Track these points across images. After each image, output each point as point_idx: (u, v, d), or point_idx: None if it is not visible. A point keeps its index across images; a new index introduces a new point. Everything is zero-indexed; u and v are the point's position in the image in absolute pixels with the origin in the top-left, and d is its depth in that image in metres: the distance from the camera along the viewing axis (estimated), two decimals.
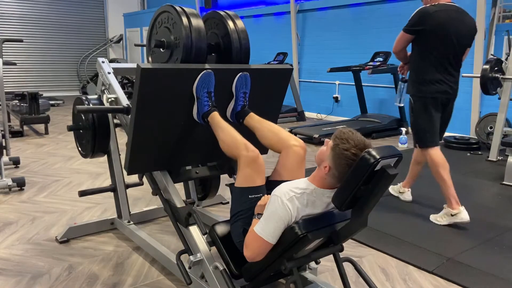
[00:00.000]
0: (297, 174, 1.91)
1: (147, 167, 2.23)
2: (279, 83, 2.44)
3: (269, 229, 1.61)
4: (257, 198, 1.78)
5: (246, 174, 1.82)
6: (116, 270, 2.33)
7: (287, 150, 1.96)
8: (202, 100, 2.05)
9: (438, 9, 2.82)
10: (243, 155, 1.83)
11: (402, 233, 2.80)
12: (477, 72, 5.22)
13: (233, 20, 2.30)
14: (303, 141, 2.01)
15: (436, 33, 2.81)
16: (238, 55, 2.27)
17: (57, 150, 5.18)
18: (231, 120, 2.20)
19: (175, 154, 2.24)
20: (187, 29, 2.07)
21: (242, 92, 2.17)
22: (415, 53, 2.98)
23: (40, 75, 11.26)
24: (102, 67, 2.60)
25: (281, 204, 1.58)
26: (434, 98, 2.93)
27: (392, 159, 1.48)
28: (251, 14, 9.23)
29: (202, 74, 2.02)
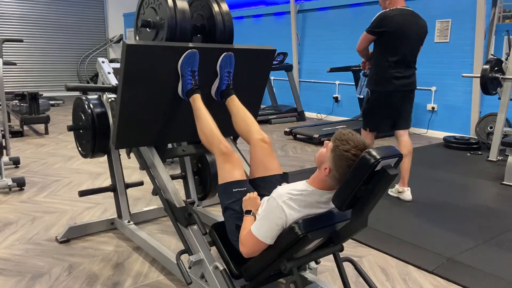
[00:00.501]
0: (270, 167, 1.99)
1: (134, 142, 2.28)
2: (263, 64, 2.51)
3: (263, 229, 1.63)
4: (242, 191, 1.83)
5: (225, 169, 1.91)
6: (116, 270, 2.33)
7: (253, 143, 2.05)
8: (186, 78, 2.13)
9: (396, 13, 3.19)
10: (217, 149, 1.94)
11: (402, 233, 2.80)
12: (477, 72, 5.23)
13: (217, 2, 2.37)
14: (266, 135, 2.07)
15: (394, 34, 3.17)
16: (222, 36, 2.35)
17: (57, 150, 5.18)
18: (216, 98, 2.28)
19: (162, 130, 2.30)
20: (172, 10, 2.15)
21: (227, 72, 2.24)
22: (376, 52, 3.33)
23: (40, 75, 11.26)
24: (102, 67, 2.61)
25: (276, 206, 1.60)
26: (390, 94, 3.30)
27: (392, 159, 1.48)
28: (251, 14, 9.23)
29: (187, 53, 2.10)
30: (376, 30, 3.24)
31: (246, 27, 9.26)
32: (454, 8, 6.00)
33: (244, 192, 1.83)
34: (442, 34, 6.16)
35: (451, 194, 3.68)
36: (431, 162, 4.80)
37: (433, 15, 6.23)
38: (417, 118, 6.58)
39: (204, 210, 2.99)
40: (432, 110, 6.39)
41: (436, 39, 6.23)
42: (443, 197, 3.60)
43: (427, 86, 6.40)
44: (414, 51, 3.30)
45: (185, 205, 2.09)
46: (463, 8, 5.89)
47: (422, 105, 6.51)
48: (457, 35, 6.01)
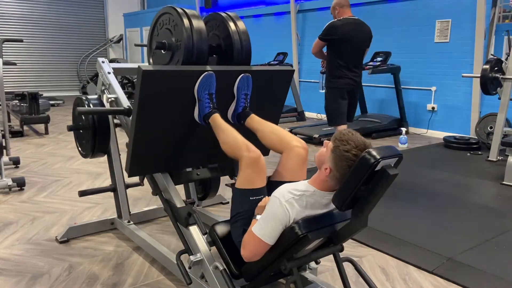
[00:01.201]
0: (298, 175, 1.91)
1: (148, 169, 2.22)
2: (281, 85, 2.44)
3: (266, 229, 1.61)
4: (258, 200, 1.78)
5: (247, 175, 1.81)
6: (116, 270, 2.33)
7: (289, 151, 1.96)
8: (204, 102, 2.05)
9: (343, 23, 3.74)
10: (244, 155, 1.82)
11: (402, 233, 2.80)
12: (477, 72, 5.23)
13: (234, 21, 2.29)
14: (305, 142, 2.01)
15: (342, 41, 3.71)
16: (239, 56, 2.27)
17: (57, 150, 5.18)
18: (232, 122, 2.20)
19: (177, 156, 2.24)
20: (188, 31, 2.07)
21: (244, 94, 2.17)
22: (329, 55, 3.89)
23: (40, 75, 11.25)
24: (102, 67, 2.61)
25: (279, 206, 1.59)
26: (341, 89, 3.82)
27: (392, 159, 1.48)
28: (251, 14, 9.23)
29: (203, 76, 2.02)
30: (326, 38, 3.81)
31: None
32: (454, 8, 6.00)
33: (260, 200, 1.77)
34: (442, 34, 6.16)
35: (451, 194, 3.68)
36: (431, 162, 4.80)
37: (433, 15, 6.23)
38: (417, 118, 6.58)
39: (204, 210, 2.99)
40: (432, 110, 6.39)
41: (436, 39, 6.23)
42: (443, 197, 3.60)
43: (427, 86, 6.40)
44: (360, 54, 3.87)
45: (185, 205, 2.09)
46: (463, 8, 5.89)
47: (422, 105, 6.51)
48: (457, 35, 6.01)
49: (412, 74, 6.54)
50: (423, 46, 6.39)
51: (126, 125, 2.32)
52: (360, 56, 3.86)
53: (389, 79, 6.61)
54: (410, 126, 6.55)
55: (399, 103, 6.45)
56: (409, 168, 4.31)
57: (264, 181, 1.85)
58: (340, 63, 3.76)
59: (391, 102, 6.80)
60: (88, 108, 2.36)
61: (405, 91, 6.58)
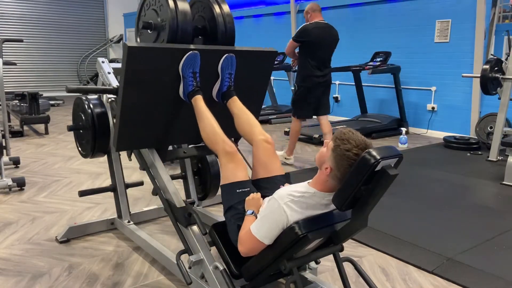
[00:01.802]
0: (272, 168, 1.99)
1: (135, 144, 2.27)
2: (264, 65, 2.51)
3: (263, 230, 1.63)
4: (245, 192, 1.83)
5: (228, 169, 1.90)
6: (116, 270, 2.33)
7: (255, 144, 2.05)
8: (187, 80, 2.12)
9: (314, 26, 4.12)
10: (221, 149, 1.93)
11: (402, 233, 2.80)
12: (477, 72, 5.23)
13: (219, 4, 2.36)
14: (269, 135, 2.08)
15: (313, 43, 4.08)
16: (224, 37, 2.35)
17: (57, 150, 5.18)
18: (217, 100, 2.28)
19: (163, 132, 2.29)
20: (173, 11, 2.14)
21: (228, 73, 2.23)
22: (301, 55, 4.24)
23: (40, 75, 11.25)
24: (102, 67, 2.61)
25: (277, 208, 1.60)
26: (310, 87, 4.24)
27: (392, 159, 1.48)
28: (251, 14, 9.23)
29: (188, 54, 2.09)
30: (299, 39, 4.17)
31: (246, 27, 9.26)
32: (454, 8, 6.00)
33: (247, 192, 1.82)
34: (442, 34, 6.16)
35: (451, 194, 3.68)
36: (431, 162, 4.80)
37: (433, 15, 6.23)
38: (417, 118, 6.58)
39: (204, 210, 2.99)
40: (432, 110, 6.39)
41: (436, 39, 6.23)
42: (443, 197, 3.60)
43: (427, 86, 6.40)
44: (329, 54, 4.25)
45: (185, 205, 2.09)
46: (463, 8, 5.89)
47: (422, 105, 6.52)
48: (457, 35, 6.01)
49: (412, 74, 6.54)
50: (423, 46, 6.39)
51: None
52: (328, 57, 4.27)
53: (389, 79, 6.61)
54: (410, 126, 6.55)
55: (399, 103, 6.45)
56: (409, 168, 4.31)
57: (246, 175, 1.92)
58: (311, 63, 4.15)
59: (391, 102, 6.80)
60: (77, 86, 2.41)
61: (405, 91, 6.58)
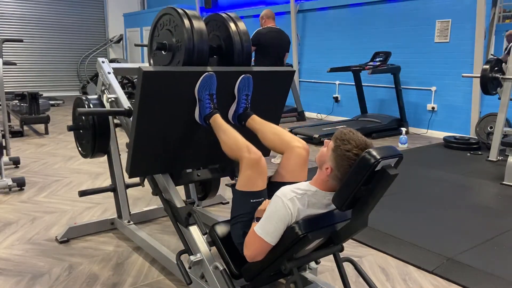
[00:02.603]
0: (299, 175, 1.91)
1: (149, 170, 2.22)
2: (281, 85, 2.44)
3: (269, 229, 1.61)
4: (258, 202, 1.77)
5: (248, 176, 1.80)
6: (116, 270, 2.33)
7: (289, 151, 1.96)
8: (204, 102, 2.05)
9: (268, 31, 4.57)
10: (245, 157, 1.81)
11: (402, 233, 2.80)
12: (477, 72, 5.23)
13: (234, 22, 2.28)
14: (305, 142, 2.01)
15: (267, 45, 4.48)
16: (240, 57, 2.26)
17: (57, 150, 5.18)
18: (233, 122, 2.19)
19: (177, 157, 2.23)
20: (189, 32, 2.06)
21: (245, 95, 2.17)
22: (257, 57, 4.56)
23: (40, 75, 11.25)
24: (102, 67, 2.61)
25: (282, 205, 1.58)
26: None
27: (392, 159, 1.48)
28: (251, 14, 9.22)
29: (204, 76, 2.02)
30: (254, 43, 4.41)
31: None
32: (454, 8, 6.00)
33: (261, 202, 1.77)
34: (442, 34, 6.16)
35: (451, 194, 3.68)
36: (431, 162, 4.80)
37: (433, 15, 6.23)
38: (417, 118, 6.58)
39: (204, 210, 2.99)
40: (432, 110, 6.39)
41: (436, 39, 6.23)
42: (443, 197, 3.60)
43: (427, 86, 6.40)
44: (281, 56, 4.62)
45: (185, 205, 2.09)
46: (463, 8, 5.89)
47: (422, 105, 6.52)
48: (457, 35, 6.01)
49: (412, 74, 6.54)
50: (423, 46, 6.39)
51: (127, 126, 2.32)
52: (281, 58, 4.64)
53: (389, 79, 6.61)
54: (410, 126, 6.55)
55: (399, 103, 6.45)
56: (409, 168, 4.31)
57: (265, 183, 1.84)
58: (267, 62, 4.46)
59: (391, 102, 6.80)
60: (88, 109, 2.36)
61: (405, 91, 6.58)
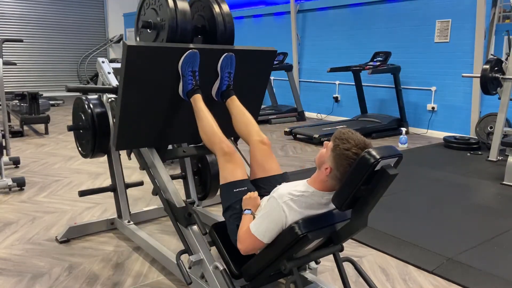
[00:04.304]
0: (270, 168, 2.00)
1: (135, 143, 2.28)
2: (264, 65, 2.52)
3: (262, 228, 1.64)
4: (242, 191, 1.84)
5: (227, 169, 1.91)
6: (116, 270, 2.33)
7: (252, 145, 2.06)
8: (187, 78, 2.13)
9: None
10: (219, 149, 1.94)
11: (402, 233, 2.80)
12: (477, 72, 5.23)
13: (218, 3, 2.37)
14: (265, 136, 2.09)
15: None
16: (223, 37, 2.35)
17: (57, 150, 5.18)
18: (216, 99, 2.29)
19: (163, 131, 2.30)
20: (173, 11, 2.15)
21: (227, 72, 2.24)
22: None
23: (40, 75, 11.25)
24: (102, 67, 2.61)
25: (277, 206, 1.60)
26: None
27: (392, 159, 1.48)
28: (251, 14, 9.23)
29: (187, 53, 2.10)
30: None
31: (246, 27, 9.26)
32: (454, 8, 6.00)
33: (245, 191, 1.83)
34: (442, 34, 6.16)
35: (451, 194, 3.68)
36: (431, 162, 4.80)
37: (433, 15, 6.23)
38: (417, 118, 6.58)
39: (204, 210, 2.99)
40: (432, 110, 6.39)
41: (436, 39, 6.23)
42: (443, 197, 3.60)
43: (427, 86, 6.40)
44: None
45: (185, 205, 2.09)
46: (463, 8, 5.89)
47: (422, 105, 6.51)
48: (457, 35, 6.01)
49: (412, 74, 6.54)
50: (423, 46, 6.39)
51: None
52: None
53: (389, 79, 6.61)
54: (410, 126, 6.55)
55: (399, 103, 6.45)
56: (409, 168, 4.31)
57: (245, 174, 1.92)
58: None
59: (391, 102, 6.80)
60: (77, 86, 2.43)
61: (405, 91, 6.58)
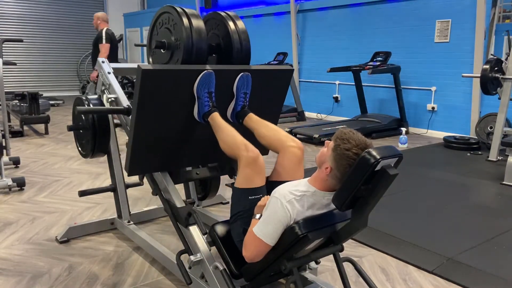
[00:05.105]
0: (295, 174, 1.93)
1: (148, 168, 2.23)
2: (280, 84, 2.45)
3: (268, 230, 1.61)
4: (257, 199, 1.78)
5: (246, 174, 1.82)
6: (116, 270, 2.33)
7: (284, 150, 1.97)
8: (203, 100, 2.06)
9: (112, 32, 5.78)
10: (243, 155, 1.82)
11: (402, 233, 2.80)
12: (477, 72, 5.23)
13: (233, 20, 2.29)
14: (300, 142, 2.02)
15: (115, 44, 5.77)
16: (239, 55, 2.27)
17: (57, 150, 5.18)
18: (231, 120, 2.21)
19: (176, 155, 2.24)
20: (188, 30, 2.07)
21: (243, 93, 2.18)
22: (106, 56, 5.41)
23: (40, 75, 11.25)
24: (102, 67, 2.60)
25: (280, 206, 1.58)
26: None
27: (392, 159, 1.48)
28: (251, 14, 9.23)
29: (203, 74, 2.03)
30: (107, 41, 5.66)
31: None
32: (454, 8, 6.00)
33: (259, 199, 1.78)
34: (442, 34, 6.16)
35: (451, 194, 3.68)
36: (431, 162, 4.80)
37: (433, 15, 6.23)
38: (417, 118, 6.58)
39: (204, 210, 2.99)
40: (432, 110, 6.39)
41: (436, 39, 6.23)
42: (443, 197, 3.60)
43: (427, 86, 6.40)
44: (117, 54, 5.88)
45: (185, 205, 2.09)
46: (463, 8, 5.89)
47: (422, 105, 6.51)
48: (457, 35, 6.01)
49: (412, 74, 6.54)
50: (423, 46, 6.39)
51: (126, 125, 2.32)
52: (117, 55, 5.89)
53: (389, 79, 6.61)
54: (410, 126, 6.55)
55: (399, 103, 6.44)
56: (409, 168, 4.31)
57: (263, 180, 1.85)
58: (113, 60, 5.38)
59: (391, 102, 6.80)
60: (88, 107, 2.37)
61: (405, 91, 6.58)
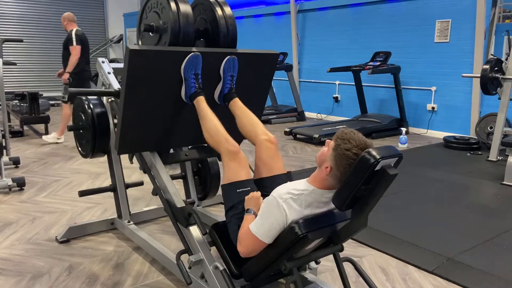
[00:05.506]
0: (274, 167, 1.99)
1: (137, 147, 2.28)
2: (266, 68, 2.51)
3: (263, 228, 1.63)
4: (245, 191, 1.83)
5: (230, 168, 1.90)
6: (116, 270, 2.33)
7: (258, 144, 2.05)
8: (189, 82, 2.12)
9: (81, 33, 5.69)
10: (224, 148, 1.92)
11: (402, 233, 2.80)
12: (477, 72, 5.23)
13: (221, 6, 2.36)
14: (273, 136, 2.08)
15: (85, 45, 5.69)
16: (226, 40, 2.34)
17: (57, 150, 5.18)
18: (219, 102, 2.28)
19: (165, 135, 2.29)
20: (175, 14, 2.14)
21: (229, 75, 2.24)
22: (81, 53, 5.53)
23: (40, 75, 11.24)
24: (102, 67, 2.61)
25: (276, 206, 1.60)
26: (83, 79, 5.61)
27: (392, 159, 1.48)
28: (251, 14, 9.23)
29: (189, 56, 2.09)
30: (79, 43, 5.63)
31: (246, 27, 9.25)
32: (454, 8, 6.00)
33: (248, 192, 1.83)
34: (442, 34, 6.16)
35: (451, 194, 3.68)
36: (431, 162, 4.80)
37: (433, 15, 6.23)
38: (417, 118, 6.58)
39: (204, 210, 2.99)
40: (432, 110, 6.39)
41: (436, 39, 6.23)
42: (443, 197, 3.60)
43: (427, 86, 6.40)
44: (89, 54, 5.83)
45: (185, 205, 2.09)
46: (463, 8, 5.89)
47: (422, 105, 6.51)
48: (457, 35, 6.01)
49: (412, 74, 6.54)
50: (423, 46, 6.39)
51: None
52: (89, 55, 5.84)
53: (389, 79, 6.61)
54: (410, 126, 6.55)
55: (399, 103, 6.45)
56: (409, 168, 4.31)
57: (248, 174, 1.92)
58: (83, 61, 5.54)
59: (391, 102, 6.80)
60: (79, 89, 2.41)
61: (405, 91, 6.58)
